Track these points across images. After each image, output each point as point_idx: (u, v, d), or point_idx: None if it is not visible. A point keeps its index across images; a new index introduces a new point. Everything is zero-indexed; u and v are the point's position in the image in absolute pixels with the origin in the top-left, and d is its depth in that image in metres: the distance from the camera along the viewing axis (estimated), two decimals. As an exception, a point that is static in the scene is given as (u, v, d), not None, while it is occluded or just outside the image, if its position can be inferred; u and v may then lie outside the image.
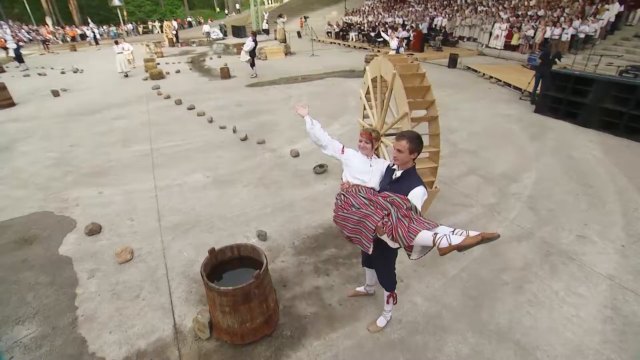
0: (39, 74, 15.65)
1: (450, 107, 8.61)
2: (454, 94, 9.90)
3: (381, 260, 2.63)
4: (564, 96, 7.29)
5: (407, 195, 2.25)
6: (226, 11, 50.08)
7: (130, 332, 2.92)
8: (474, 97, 9.51)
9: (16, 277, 3.60)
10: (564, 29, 12.48)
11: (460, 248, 1.88)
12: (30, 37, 31.80)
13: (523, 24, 14.73)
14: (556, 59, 8.01)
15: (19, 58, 17.51)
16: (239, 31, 27.68)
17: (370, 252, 2.25)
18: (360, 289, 3.23)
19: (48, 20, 36.94)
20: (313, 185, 5.26)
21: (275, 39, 24.18)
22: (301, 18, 28.00)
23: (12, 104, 10.56)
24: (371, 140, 2.60)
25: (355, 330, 2.88)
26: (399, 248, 2.28)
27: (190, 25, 42.12)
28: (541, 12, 14.73)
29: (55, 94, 11.56)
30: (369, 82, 4.32)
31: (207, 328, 2.80)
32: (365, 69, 4.44)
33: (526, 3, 16.15)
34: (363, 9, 29.31)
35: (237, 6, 50.14)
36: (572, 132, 6.95)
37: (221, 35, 27.41)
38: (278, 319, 2.98)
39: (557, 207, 4.43)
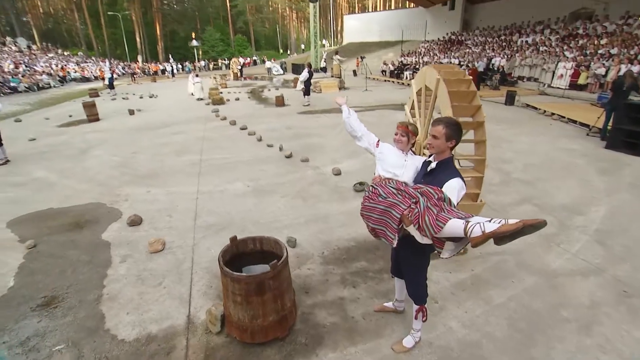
0: (123, 98, 18.01)
1: (505, 140, 8.05)
2: (510, 128, 9.30)
3: (410, 264, 2.35)
4: (642, 130, 6.45)
5: (441, 188, 2.02)
6: (289, 52, 54.34)
7: (146, 316, 2.89)
8: (532, 132, 8.83)
9: (63, 253, 3.86)
10: (641, 66, 11.41)
11: (497, 236, 1.59)
12: (124, 72, 37.16)
13: (592, 63, 13.77)
14: (632, 91, 7.22)
15: (110, 85, 20.48)
16: (297, 68, 29.50)
17: (394, 245, 2.01)
18: (388, 304, 2.90)
19: (139, 58, 43.07)
20: (351, 201, 5.10)
21: (332, 75, 25.35)
22: (358, 58, 29.24)
23: (98, 119, 12.21)
24: (407, 133, 2.43)
25: (377, 347, 2.55)
26: (429, 245, 2.01)
27: (255, 63, 46.18)
28: (614, 50, 13.71)
29: (131, 112, 13.10)
30: (414, 95, 4.20)
31: (218, 321, 2.67)
32: (410, 83, 4.35)
33: (595, 42, 15.19)
34: (419, 50, 29.84)
35: (302, 46, 54.21)
36: (654, 170, 6.03)
37: (281, 72, 29.45)
38: (294, 324, 2.76)
39: (635, 244, 3.73)
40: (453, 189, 2.00)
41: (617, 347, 2.48)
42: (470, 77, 3.40)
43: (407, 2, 37.52)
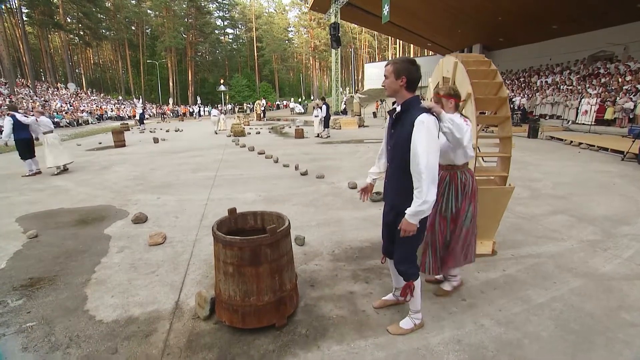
0: (150, 131, 18.94)
1: (531, 163, 7.62)
2: (535, 154, 8.87)
3: (408, 238, 1.95)
4: (687, 149, 5.92)
5: (410, 135, 1.82)
6: (312, 97, 56.85)
7: (131, 300, 2.59)
8: (560, 158, 8.36)
9: (61, 243, 3.70)
10: (674, 99, 10.93)
11: None
12: (155, 113, 39.75)
13: (618, 98, 13.40)
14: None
15: (141, 121, 21.76)
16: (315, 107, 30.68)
17: None
18: (388, 297, 2.51)
19: (170, 101, 46.19)
20: (367, 209, 4.77)
21: (353, 116, 25.99)
22: (377, 101, 30.11)
23: (124, 145, 12.76)
24: (439, 99, 2.34)
25: (391, 342, 2.11)
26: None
27: (278, 107, 48.41)
28: (641, 86, 13.36)
29: (156, 141, 13.60)
30: (430, 94, 4.04)
31: (208, 304, 2.34)
32: (428, 82, 4.19)
33: (620, 79, 14.93)
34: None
35: (324, 94, 56.88)
36: None
37: (303, 110, 30.68)
38: (294, 313, 2.38)
39: (701, 253, 3.16)
40: (421, 122, 1.79)
41: None
42: (489, 60, 3.22)
43: (426, 50, 39.16)
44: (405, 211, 1.85)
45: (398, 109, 1.94)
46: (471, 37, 26.59)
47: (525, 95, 19.29)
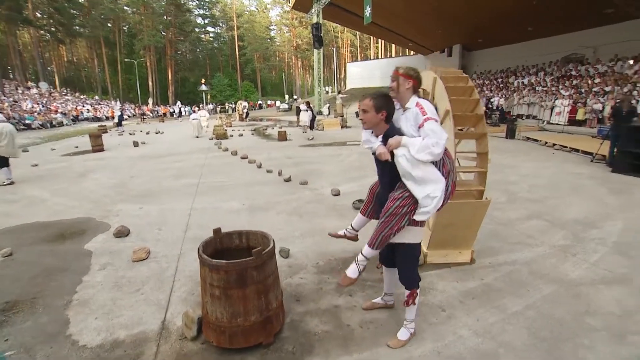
0: (130, 134, 18.46)
1: (508, 166, 7.91)
2: (512, 157, 9.20)
3: (407, 247, 2.13)
4: (650, 152, 6.30)
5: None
6: (295, 96, 56.65)
7: (116, 321, 2.57)
8: (536, 159, 8.72)
9: (39, 261, 3.60)
10: (638, 100, 11.55)
11: None
12: (134, 113, 38.68)
13: (588, 99, 14.05)
14: (632, 116, 7.19)
15: (119, 122, 21.19)
16: (299, 110, 30.65)
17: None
18: (377, 300, 2.64)
19: (150, 101, 45.06)
20: (350, 217, 4.79)
21: (335, 117, 26.07)
22: (359, 101, 30.32)
23: (102, 150, 12.34)
24: (397, 76, 2.06)
25: (375, 356, 2.19)
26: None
27: (260, 107, 48.04)
28: (608, 88, 14.03)
29: (135, 144, 13.30)
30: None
31: (195, 325, 2.35)
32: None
33: (589, 81, 15.64)
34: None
35: (306, 93, 56.82)
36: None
37: (287, 107, 30.74)
38: (281, 330, 2.42)
39: (661, 256, 3.40)
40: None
41: (660, 358, 2.11)
42: (467, 75, 3.35)
43: (407, 50, 39.69)
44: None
45: (380, 139, 2.07)
46: (451, 38, 27.14)
47: (503, 96, 19.90)
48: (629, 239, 3.81)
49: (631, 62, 15.16)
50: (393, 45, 50.65)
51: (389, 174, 2.09)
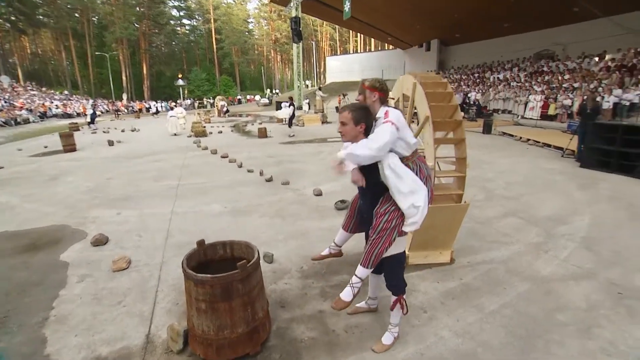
0: (104, 132, 17.73)
1: (486, 162, 8.18)
2: (489, 152, 9.52)
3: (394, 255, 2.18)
4: (614, 148, 6.67)
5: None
6: (275, 90, 56.06)
7: (97, 337, 2.51)
8: (511, 155, 9.06)
9: (11, 275, 3.44)
10: (603, 97, 12.17)
11: None
12: (108, 109, 37.16)
13: (559, 95, 14.66)
14: (595, 113, 7.58)
15: (92, 119, 20.28)
16: (280, 106, 30.38)
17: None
18: (361, 304, 2.72)
19: (124, 96, 43.40)
20: (332, 219, 4.89)
21: (315, 112, 26.00)
22: (339, 96, 30.34)
23: (74, 149, 11.77)
24: (364, 90, 2.12)
25: (361, 362, 2.25)
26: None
27: (239, 102, 47.24)
28: (577, 84, 14.69)
29: (110, 143, 12.80)
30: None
31: (181, 337, 2.33)
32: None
33: (560, 78, 16.31)
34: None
35: (286, 88, 56.28)
36: (628, 183, 6.16)
37: (267, 102, 30.55)
38: (267, 339, 2.44)
39: (624, 249, 3.64)
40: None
41: (621, 350, 2.27)
42: (446, 81, 3.43)
43: (386, 44, 39.93)
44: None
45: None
46: (429, 33, 27.54)
47: (480, 91, 20.44)
48: (595, 234, 4.06)
49: (597, 59, 15.90)
50: (372, 39, 50.82)
51: (370, 189, 2.12)
